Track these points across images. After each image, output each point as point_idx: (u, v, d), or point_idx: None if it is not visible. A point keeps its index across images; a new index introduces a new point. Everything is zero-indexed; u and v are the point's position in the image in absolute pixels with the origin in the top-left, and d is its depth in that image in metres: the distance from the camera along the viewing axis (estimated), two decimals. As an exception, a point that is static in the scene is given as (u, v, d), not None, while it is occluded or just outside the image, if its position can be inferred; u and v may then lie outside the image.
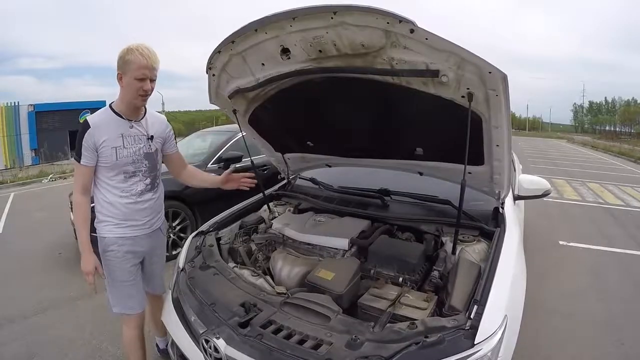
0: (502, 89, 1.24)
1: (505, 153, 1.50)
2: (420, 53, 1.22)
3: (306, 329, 1.16)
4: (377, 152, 2.01)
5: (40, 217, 5.81)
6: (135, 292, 1.68)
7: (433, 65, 1.25)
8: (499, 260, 1.36)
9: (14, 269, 3.65)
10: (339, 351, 1.06)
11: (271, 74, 1.58)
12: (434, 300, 1.34)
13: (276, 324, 1.20)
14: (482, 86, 1.26)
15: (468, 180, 1.78)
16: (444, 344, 1.04)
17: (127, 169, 1.57)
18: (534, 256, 3.65)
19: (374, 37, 1.23)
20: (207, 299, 1.39)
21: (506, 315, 1.16)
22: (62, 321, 2.61)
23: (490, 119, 1.38)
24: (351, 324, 1.17)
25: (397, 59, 1.28)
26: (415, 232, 1.82)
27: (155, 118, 1.70)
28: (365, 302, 1.33)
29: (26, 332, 2.50)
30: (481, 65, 1.19)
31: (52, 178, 10.64)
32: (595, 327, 2.43)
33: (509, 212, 1.79)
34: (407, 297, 1.34)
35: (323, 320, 1.20)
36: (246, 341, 1.14)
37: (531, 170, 9.75)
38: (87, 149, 1.47)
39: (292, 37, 1.34)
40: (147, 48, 1.44)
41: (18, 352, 2.27)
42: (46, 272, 3.51)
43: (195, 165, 4.01)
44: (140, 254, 1.69)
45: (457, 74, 1.25)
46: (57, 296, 2.99)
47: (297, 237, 1.84)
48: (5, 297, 3.02)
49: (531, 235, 4.28)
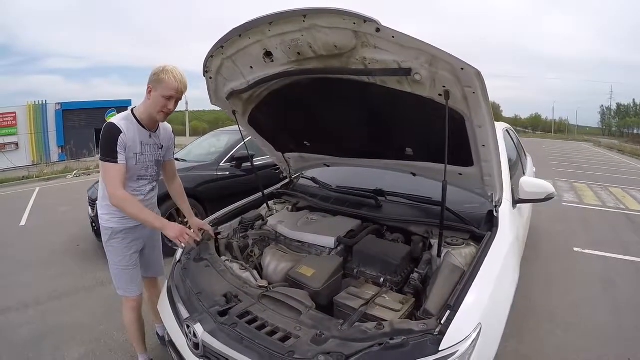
0: (479, 85, 1.22)
1: (493, 153, 1.48)
2: (391, 52, 1.24)
3: (278, 322, 1.20)
4: (370, 152, 2.02)
5: (62, 211, 6.11)
6: (136, 276, 1.84)
7: (404, 63, 1.25)
8: (481, 265, 1.33)
9: (34, 259, 3.87)
10: (304, 345, 1.09)
11: (259, 76, 1.64)
12: (410, 302, 1.33)
13: (252, 314, 1.25)
14: (457, 84, 1.25)
15: (460, 182, 1.79)
16: (407, 347, 1.04)
17: (140, 173, 1.73)
18: (546, 263, 3.56)
19: (344, 38, 1.26)
20: (195, 288, 1.47)
21: (480, 323, 1.13)
22: (74, 308, 2.76)
23: (472, 117, 1.37)
24: (321, 320, 1.20)
25: (369, 59, 1.31)
26: (406, 233, 1.81)
27: (164, 129, 1.85)
28: (340, 299, 1.35)
29: (39, 317, 2.66)
30: (452, 62, 1.18)
31: (77, 174, 11.15)
32: (600, 340, 2.33)
33: (504, 216, 1.74)
34: (383, 298, 1.34)
35: (295, 314, 1.23)
36: (222, 329, 1.19)
37: (553, 174, 9.44)
38: (121, 148, 1.59)
39: (273, 41, 1.40)
40: (180, 73, 1.60)
41: (30, 335, 2.43)
42: (64, 263, 3.70)
43: (207, 164, 4.26)
44: (141, 241, 1.86)
45: (429, 71, 1.24)
46: (72, 285, 3.16)
47: (288, 234, 1.89)
48: (23, 284, 3.22)
49: (546, 241, 4.17)
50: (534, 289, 2.95)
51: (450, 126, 1.35)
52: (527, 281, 2.99)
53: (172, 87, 1.56)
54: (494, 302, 1.27)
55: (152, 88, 1.60)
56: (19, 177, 10.75)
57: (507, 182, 2.03)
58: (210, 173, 4.16)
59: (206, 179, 4.09)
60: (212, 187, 4.06)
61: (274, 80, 1.62)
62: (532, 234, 4.09)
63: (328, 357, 1.03)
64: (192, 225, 1.97)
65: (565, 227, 4.78)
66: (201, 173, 4.13)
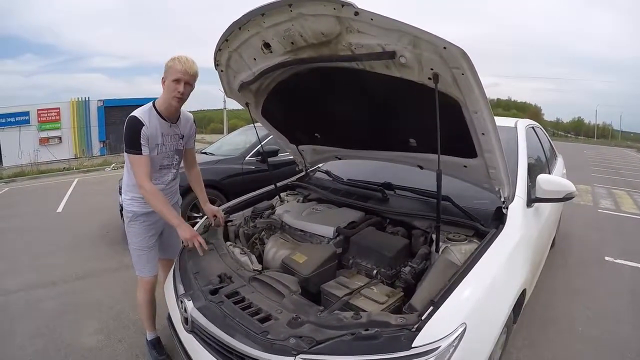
0: (467, 66, 1.17)
1: (494, 143, 1.40)
2: (373, 35, 1.22)
3: (263, 304, 1.22)
4: (375, 143, 2.00)
5: (96, 200, 6.52)
6: (152, 258, 1.92)
7: (388, 46, 1.23)
8: (477, 262, 1.26)
9: (65, 243, 4.16)
10: (279, 327, 1.10)
11: (262, 67, 1.68)
12: (398, 296, 1.30)
13: (240, 295, 1.28)
14: (444, 65, 1.20)
15: (466, 176, 1.72)
16: (379, 339, 1.01)
17: (162, 162, 1.82)
18: (574, 270, 3.34)
19: (328, 24, 1.26)
20: (194, 268, 1.53)
21: (465, 323, 1.07)
22: (96, 288, 2.94)
23: (466, 103, 1.31)
24: (302, 305, 1.20)
25: (355, 44, 1.30)
26: (409, 227, 1.77)
27: (185, 118, 1.91)
28: (327, 287, 1.35)
29: (63, 294, 2.87)
30: (434, 41, 1.14)
31: (114, 167, 11.81)
32: (619, 356, 2.15)
33: (515, 214, 1.64)
34: (371, 289, 1.32)
35: (280, 297, 1.25)
36: (209, 306, 1.24)
37: (592, 180, 8.87)
38: (144, 139, 1.67)
39: (269, 32, 1.44)
40: (186, 57, 1.68)
41: (53, 309, 2.63)
42: (93, 247, 3.95)
43: (233, 158, 4.38)
44: (160, 225, 1.93)
45: (414, 53, 1.21)
46: (97, 267, 3.37)
47: (292, 224, 1.91)
48: (53, 265, 3.48)
49: (576, 248, 3.92)
50: (558, 298, 2.78)
51: (448, 114, 1.31)
52: (551, 289, 2.84)
53: (178, 70, 1.63)
54: (487, 303, 1.20)
55: (165, 77, 1.69)
56: (60, 169, 11.56)
57: (523, 178, 1.91)
58: (236, 167, 4.27)
59: (231, 172, 4.20)
60: (236, 180, 4.16)
61: (275, 71, 1.65)
62: (562, 240, 3.89)
63: (299, 340, 1.03)
64: (206, 212, 2.04)
65: (598, 235, 4.47)
66: (227, 166, 4.25)
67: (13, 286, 3.03)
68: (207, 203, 2.07)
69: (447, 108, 1.31)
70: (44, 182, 9.64)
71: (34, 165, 11.99)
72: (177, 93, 1.67)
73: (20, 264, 3.56)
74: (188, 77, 1.66)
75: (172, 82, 1.65)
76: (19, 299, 2.82)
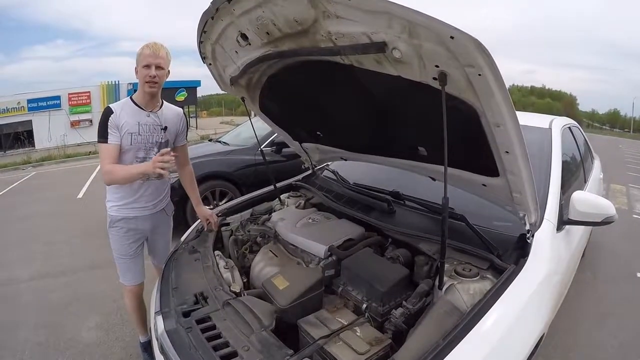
0: (484, 63, 0.88)
1: (521, 163, 1.14)
2: (356, 21, 0.98)
3: (231, 336, 1.11)
4: (379, 148, 1.81)
5: (116, 185, 6.64)
6: (133, 266, 1.84)
7: (375, 35, 0.98)
8: (485, 314, 1.02)
9: (81, 230, 4.25)
10: None
11: (244, 61, 1.54)
12: (383, 345, 1.09)
13: (211, 321, 1.18)
14: (453, 61, 0.93)
15: (485, 194, 1.49)
16: None
17: (138, 154, 1.71)
18: (602, 289, 3.04)
19: (300, 7, 1.06)
20: (175, 282, 1.44)
21: None
22: (102, 280, 2.97)
23: (485, 112, 1.05)
24: (270, 345, 1.07)
25: (335, 33, 1.08)
26: (413, 250, 1.55)
27: (170, 111, 1.82)
28: (303, 324, 1.18)
29: (70, 285, 2.92)
30: (436, 28, 0.85)
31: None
32: None
33: (542, 245, 1.36)
34: (354, 331, 1.14)
35: (250, 331, 1.14)
36: (179, 330, 1.15)
37: (627, 179, 8.17)
38: (112, 128, 1.61)
39: (242, 21, 1.28)
40: (154, 42, 1.64)
41: (58, 300, 2.68)
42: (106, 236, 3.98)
43: (247, 148, 4.24)
44: (142, 232, 1.83)
45: (410, 44, 0.94)
46: (107, 257, 3.33)
47: (284, 236, 1.78)
48: (66, 253, 3.56)
49: (606, 262, 3.59)
50: (581, 321, 2.53)
51: (462, 122, 1.09)
52: (574, 310, 2.56)
53: (146, 54, 1.60)
54: None
55: (136, 67, 1.64)
56: (87, 152, 11.97)
57: (555, 196, 1.64)
58: (249, 157, 4.09)
59: (244, 163, 4.05)
60: (250, 171, 4.01)
61: (260, 64, 1.51)
62: (590, 252, 3.53)
63: None
64: (199, 214, 1.96)
65: (632, 246, 4.08)
66: (240, 157, 4.10)
67: (24, 275, 3.12)
68: (200, 204, 1.99)
69: (461, 114, 1.07)
70: (68, 167, 10.02)
71: (60, 149, 12.47)
72: (148, 78, 1.61)
73: (35, 251, 3.67)
74: (158, 60, 1.61)
75: (142, 68, 1.61)
76: (28, 288, 2.90)
